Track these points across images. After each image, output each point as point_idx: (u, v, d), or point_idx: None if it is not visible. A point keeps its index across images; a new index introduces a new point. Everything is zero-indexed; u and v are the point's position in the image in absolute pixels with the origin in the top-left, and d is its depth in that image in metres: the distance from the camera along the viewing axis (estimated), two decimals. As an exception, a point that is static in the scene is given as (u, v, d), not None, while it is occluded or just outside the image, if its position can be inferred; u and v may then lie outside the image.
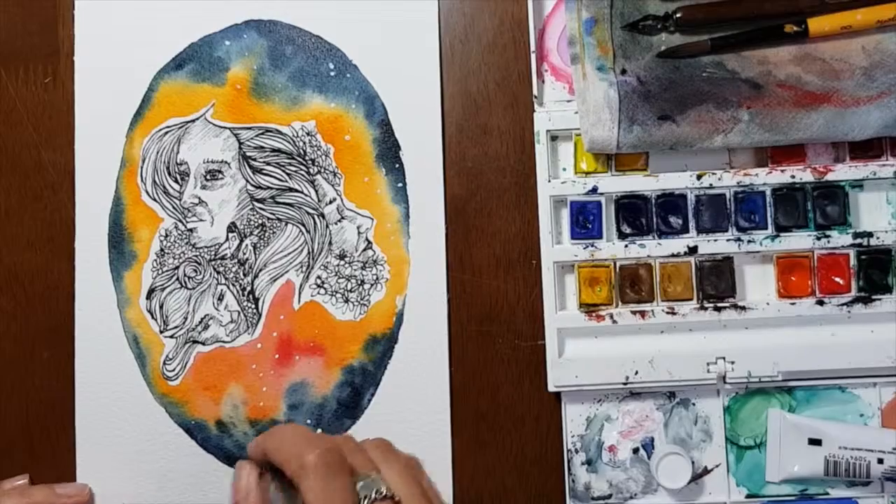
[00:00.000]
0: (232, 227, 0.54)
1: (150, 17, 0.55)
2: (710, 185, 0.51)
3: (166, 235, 0.54)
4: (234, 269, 0.53)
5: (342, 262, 0.53)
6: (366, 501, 0.39)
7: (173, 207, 0.54)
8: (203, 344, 0.53)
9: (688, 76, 0.51)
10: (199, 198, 0.54)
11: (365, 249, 0.53)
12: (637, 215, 0.52)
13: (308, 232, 0.53)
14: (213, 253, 0.53)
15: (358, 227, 0.53)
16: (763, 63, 0.51)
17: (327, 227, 0.53)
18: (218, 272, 0.53)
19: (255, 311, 0.53)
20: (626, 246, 0.51)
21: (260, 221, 0.54)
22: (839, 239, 0.51)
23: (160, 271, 0.53)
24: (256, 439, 0.44)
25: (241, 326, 0.53)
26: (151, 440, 0.53)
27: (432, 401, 0.52)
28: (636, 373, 0.51)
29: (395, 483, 0.41)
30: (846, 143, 0.51)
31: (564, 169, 0.53)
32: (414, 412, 0.52)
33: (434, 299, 0.53)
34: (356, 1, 0.54)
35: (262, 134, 0.54)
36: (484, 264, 0.53)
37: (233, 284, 0.53)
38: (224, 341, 0.53)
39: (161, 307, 0.53)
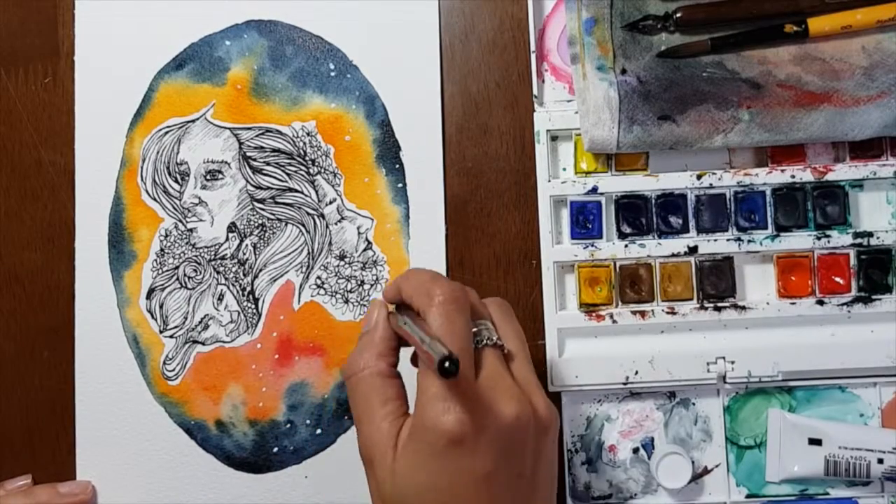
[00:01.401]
0: (232, 228, 0.54)
1: (150, 17, 0.55)
2: (710, 184, 0.51)
3: (166, 235, 0.54)
4: (234, 270, 0.53)
5: (342, 263, 0.53)
6: (479, 344, 0.41)
7: (173, 207, 0.54)
8: (203, 344, 0.53)
9: (688, 76, 0.51)
10: (199, 198, 0.54)
11: (365, 250, 0.53)
12: (637, 215, 0.52)
13: (308, 232, 0.53)
14: (213, 253, 0.53)
15: (358, 228, 0.53)
16: (763, 63, 0.51)
17: (327, 227, 0.53)
18: (218, 272, 0.53)
19: (254, 311, 0.53)
20: (626, 246, 0.51)
21: (260, 221, 0.54)
22: (839, 239, 0.51)
23: (160, 271, 0.53)
24: (393, 280, 0.46)
25: (240, 326, 0.53)
26: (151, 440, 0.53)
27: (432, 401, 0.52)
28: (636, 373, 0.51)
29: (508, 338, 0.43)
30: (846, 143, 0.51)
31: (564, 169, 0.53)
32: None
33: (434, 299, 0.53)
34: (356, 1, 0.54)
35: (262, 134, 0.54)
36: (484, 264, 0.53)
37: (233, 284, 0.53)
38: (224, 341, 0.53)
39: (161, 307, 0.53)
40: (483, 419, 0.38)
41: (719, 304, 0.51)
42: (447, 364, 0.36)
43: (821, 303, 0.51)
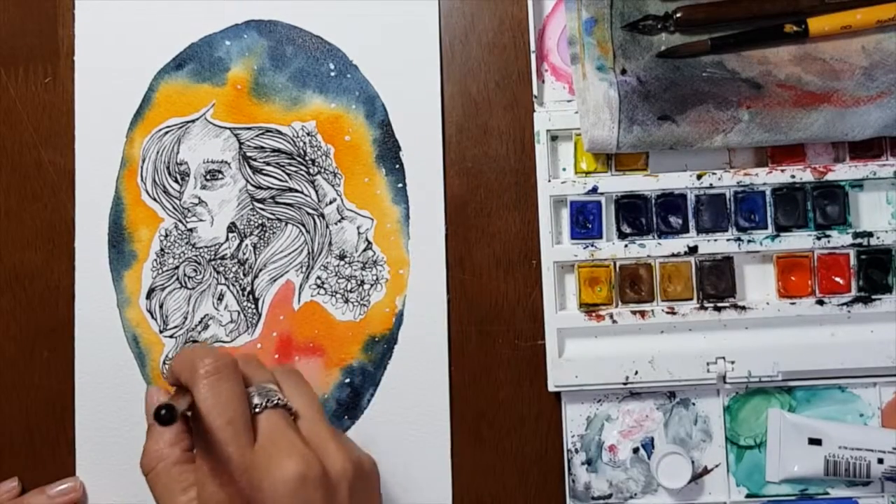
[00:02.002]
0: (232, 227, 0.54)
1: (150, 17, 0.55)
2: (710, 184, 0.51)
3: (166, 235, 0.54)
4: (234, 269, 0.53)
5: (342, 263, 0.53)
6: (258, 409, 0.39)
7: (173, 207, 0.54)
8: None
9: (688, 76, 0.51)
10: (199, 198, 0.54)
11: (365, 250, 0.53)
12: (637, 215, 0.52)
13: (308, 232, 0.53)
14: (213, 253, 0.53)
15: (358, 228, 0.53)
16: (763, 63, 0.51)
17: (327, 227, 0.53)
18: (218, 272, 0.53)
19: (254, 311, 0.53)
20: (626, 246, 0.51)
21: (260, 221, 0.54)
22: (839, 239, 0.51)
23: (160, 271, 0.53)
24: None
25: (240, 326, 0.53)
26: (151, 440, 0.53)
27: (432, 401, 0.52)
28: (636, 373, 0.51)
29: (294, 398, 0.41)
30: (846, 143, 0.51)
31: (564, 169, 0.53)
32: (414, 412, 0.52)
33: (434, 299, 0.53)
34: (356, 1, 0.54)
35: (262, 134, 0.54)
36: (484, 264, 0.53)
37: (233, 284, 0.53)
38: (224, 341, 0.53)
39: (161, 307, 0.53)
40: (259, 486, 0.37)
41: (719, 304, 0.51)
42: (162, 412, 0.35)
43: (821, 303, 0.51)
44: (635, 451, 0.52)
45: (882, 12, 0.50)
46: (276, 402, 0.40)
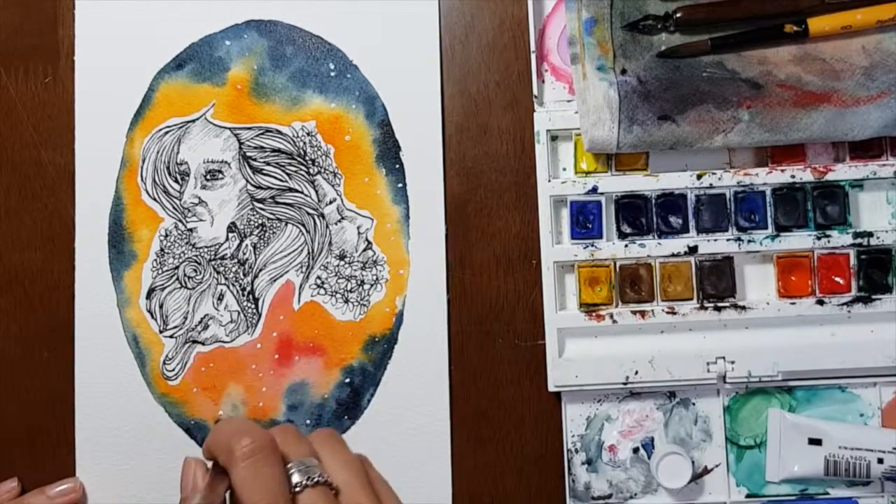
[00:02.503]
0: (232, 227, 0.54)
1: (150, 17, 0.55)
2: (710, 184, 0.51)
3: (166, 235, 0.54)
4: (234, 269, 0.53)
5: (342, 263, 0.53)
6: (299, 489, 0.38)
7: (173, 207, 0.54)
8: (203, 344, 0.53)
9: (688, 76, 0.51)
10: (200, 198, 0.54)
11: (365, 250, 0.53)
12: (637, 215, 0.52)
13: (308, 232, 0.53)
14: (213, 253, 0.53)
15: (358, 228, 0.53)
16: (763, 63, 0.51)
17: (327, 227, 0.53)
18: (218, 272, 0.53)
19: (254, 311, 0.53)
20: (626, 246, 0.51)
21: (260, 221, 0.54)
22: (839, 239, 0.51)
23: (160, 271, 0.53)
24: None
25: (240, 326, 0.53)
26: (151, 440, 0.53)
27: (432, 401, 0.52)
28: (636, 373, 0.51)
29: (335, 471, 0.40)
30: (846, 143, 0.51)
31: (564, 169, 0.53)
32: (414, 412, 0.52)
33: (434, 299, 0.53)
34: (356, 1, 0.54)
35: (262, 134, 0.54)
36: (484, 264, 0.53)
37: (233, 284, 0.53)
38: (224, 341, 0.53)
39: (161, 307, 0.53)
40: None
41: (719, 304, 0.51)
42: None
43: (821, 303, 0.51)
44: (635, 451, 0.52)
45: (882, 12, 0.50)
46: (316, 479, 0.39)
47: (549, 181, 0.52)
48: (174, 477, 0.52)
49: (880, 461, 0.49)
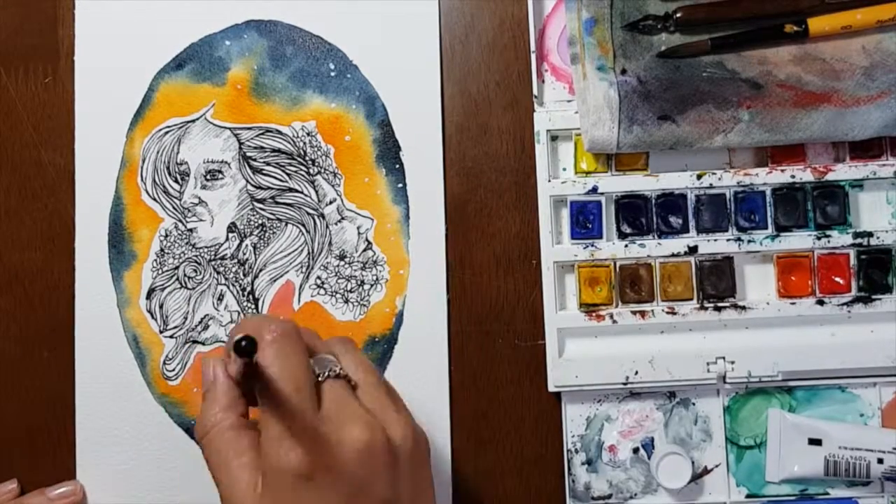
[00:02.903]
0: (232, 228, 0.54)
1: (150, 17, 0.55)
2: (710, 184, 0.51)
3: (166, 235, 0.54)
4: (234, 270, 0.53)
5: (342, 263, 0.53)
6: (321, 378, 0.40)
7: (173, 207, 0.54)
8: (203, 344, 0.53)
9: (688, 76, 0.51)
10: (200, 198, 0.54)
11: (365, 250, 0.53)
12: (637, 215, 0.52)
13: (308, 232, 0.53)
14: (213, 253, 0.53)
15: (358, 228, 0.53)
16: (763, 63, 0.51)
17: (327, 227, 0.53)
18: (218, 272, 0.53)
19: (254, 311, 0.53)
20: (626, 246, 0.51)
21: (260, 222, 0.54)
22: (839, 239, 0.51)
23: (160, 271, 0.53)
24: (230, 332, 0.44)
25: (241, 326, 0.53)
26: (151, 440, 0.53)
27: (432, 401, 0.52)
28: (636, 373, 0.51)
29: (352, 370, 0.41)
30: (846, 143, 0.51)
31: (564, 169, 0.53)
32: (414, 412, 0.52)
33: (434, 299, 0.53)
34: (356, 1, 0.54)
35: (262, 134, 0.54)
36: (484, 264, 0.53)
37: (233, 284, 0.53)
38: (224, 341, 0.53)
39: (161, 307, 0.53)
40: (329, 450, 0.38)
41: (719, 304, 0.51)
42: (243, 343, 0.35)
43: (821, 303, 0.51)
44: (635, 451, 0.52)
45: (882, 12, 0.50)
46: (337, 372, 0.40)
47: (549, 181, 0.52)
48: (174, 477, 0.53)
49: (880, 461, 0.49)
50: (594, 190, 0.52)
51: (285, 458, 0.37)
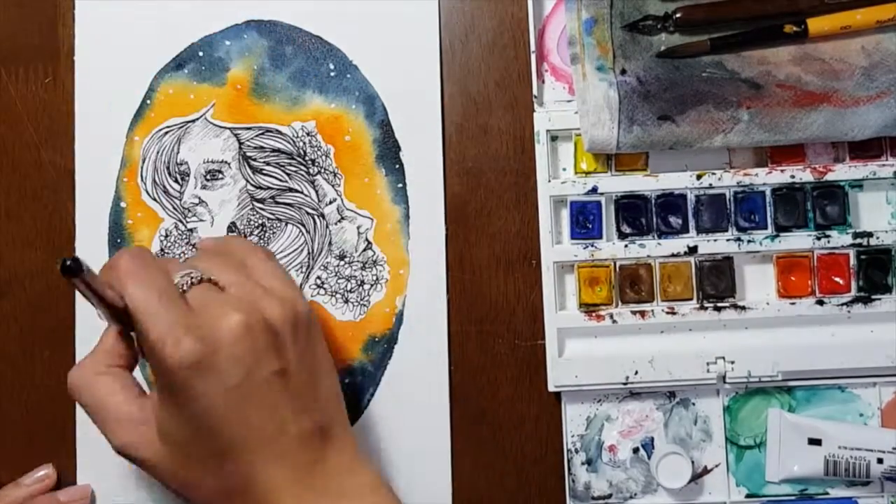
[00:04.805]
0: (232, 228, 0.54)
1: (150, 17, 0.55)
2: (710, 185, 0.51)
3: (166, 235, 0.54)
4: (234, 269, 0.53)
5: (342, 263, 0.53)
6: (184, 289, 0.41)
7: (173, 207, 0.54)
8: (203, 344, 0.53)
9: (688, 76, 0.51)
10: (200, 198, 0.54)
11: (365, 250, 0.53)
12: (637, 215, 0.52)
13: (308, 232, 0.53)
14: (213, 253, 0.53)
15: (358, 228, 0.53)
16: (763, 63, 0.51)
17: (327, 227, 0.54)
18: (218, 272, 0.53)
19: (255, 311, 0.53)
20: (626, 246, 0.51)
21: (260, 221, 0.54)
22: (839, 239, 0.51)
23: (160, 271, 0.53)
24: None
25: (241, 326, 0.53)
26: (151, 440, 0.53)
27: (432, 401, 0.52)
28: (636, 373, 0.51)
29: (219, 273, 0.43)
30: (846, 143, 0.51)
31: (564, 169, 0.53)
32: (414, 412, 0.52)
33: (434, 299, 0.53)
34: (356, 1, 0.54)
35: (262, 134, 0.54)
36: (484, 264, 0.53)
37: (233, 284, 0.53)
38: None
39: (161, 307, 0.53)
40: (209, 339, 0.39)
41: (719, 304, 0.51)
42: (68, 262, 0.36)
43: (821, 303, 0.51)
44: (635, 451, 0.52)
45: (882, 12, 0.50)
46: (199, 278, 0.42)
47: (549, 181, 0.52)
48: (174, 477, 0.52)
49: (880, 461, 0.49)
50: (594, 190, 0.52)
51: (170, 354, 0.39)
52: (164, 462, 0.41)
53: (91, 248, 0.54)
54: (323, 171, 0.54)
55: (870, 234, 0.51)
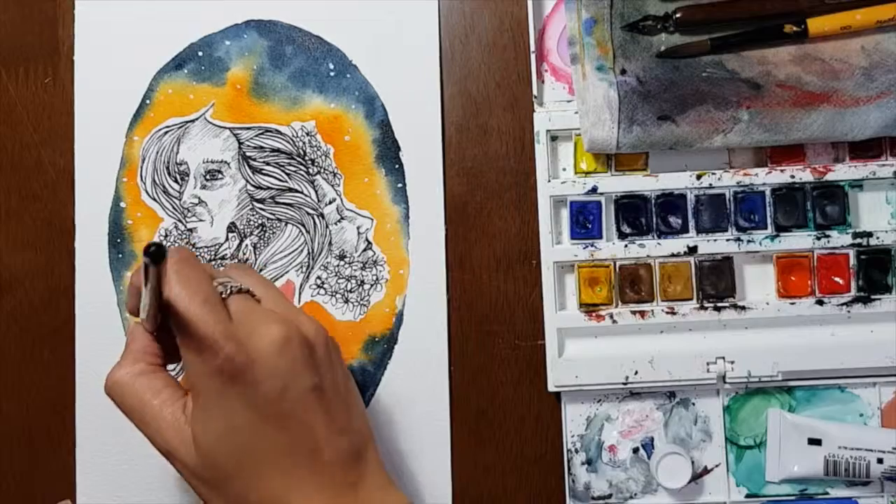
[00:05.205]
0: (232, 227, 0.54)
1: (150, 17, 0.55)
2: (710, 185, 0.51)
3: (166, 235, 0.54)
4: (234, 269, 0.53)
5: (342, 263, 0.53)
6: (224, 296, 0.41)
7: (173, 207, 0.54)
8: (203, 344, 0.53)
9: (687, 76, 0.51)
10: (199, 198, 0.54)
11: (365, 250, 0.53)
12: (637, 215, 0.52)
13: (308, 232, 0.53)
14: (212, 253, 0.53)
15: (358, 228, 0.53)
16: (763, 63, 0.51)
17: (327, 227, 0.54)
18: (218, 272, 0.53)
19: (255, 311, 0.53)
20: (625, 246, 0.51)
21: (260, 221, 0.54)
22: (839, 239, 0.51)
23: (160, 271, 0.53)
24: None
25: (241, 326, 0.53)
26: (151, 440, 0.53)
27: (432, 401, 0.52)
28: (636, 373, 0.51)
29: (253, 286, 0.43)
30: (846, 143, 0.51)
31: (564, 169, 0.53)
32: (414, 412, 0.52)
33: (434, 299, 0.53)
34: (356, 1, 0.54)
35: (261, 134, 0.54)
36: (484, 264, 0.53)
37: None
38: (224, 341, 0.53)
39: (161, 307, 0.53)
40: (249, 350, 0.39)
41: (719, 304, 0.51)
42: (152, 248, 0.35)
43: (820, 303, 0.51)
44: (635, 451, 0.52)
45: (882, 12, 0.50)
46: (239, 287, 0.42)
47: (549, 181, 0.52)
48: (175, 476, 0.53)
49: (880, 461, 0.49)
50: (594, 190, 0.52)
51: (210, 362, 0.38)
52: (199, 470, 0.40)
53: (91, 247, 0.54)
54: (323, 171, 0.54)
55: (870, 234, 0.51)
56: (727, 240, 0.51)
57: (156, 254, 0.35)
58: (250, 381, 0.39)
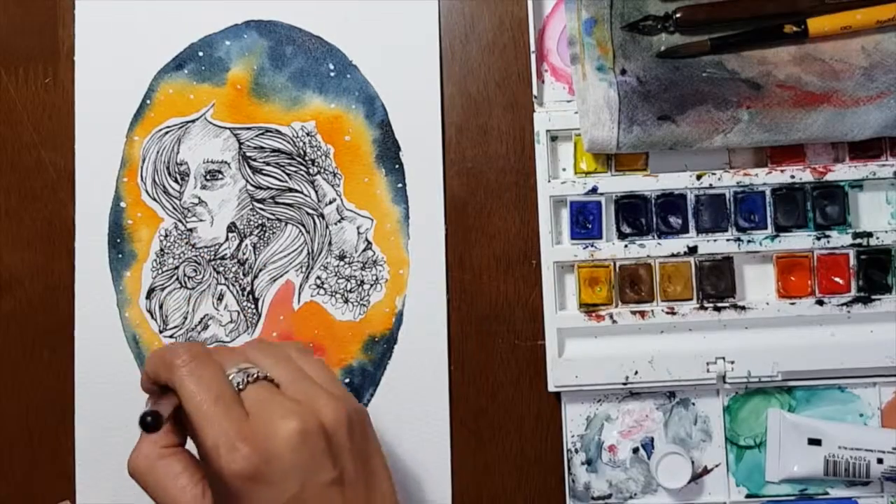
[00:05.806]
0: (232, 227, 0.54)
1: (150, 17, 0.55)
2: (710, 185, 0.51)
3: (166, 235, 0.54)
4: (233, 269, 0.53)
5: (342, 263, 0.53)
6: (241, 387, 0.40)
7: (173, 207, 0.54)
8: (203, 344, 0.53)
9: (688, 76, 0.51)
10: (199, 198, 0.54)
11: (365, 250, 0.53)
12: (637, 215, 0.52)
13: (308, 232, 0.53)
14: (212, 253, 0.53)
15: (358, 228, 0.53)
16: (763, 63, 0.51)
17: (327, 227, 0.54)
18: (218, 272, 0.53)
19: (254, 311, 0.53)
20: (625, 246, 0.51)
21: (260, 221, 0.54)
22: (839, 239, 0.51)
23: (160, 271, 0.53)
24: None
25: (240, 326, 0.53)
26: (151, 440, 0.53)
27: (432, 401, 0.52)
28: (636, 373, 0.51)
29: (272, 369, 0.42)
30: (846, 143, 0.51)
31: (564, 169, 0.53)
32: (414, 412, 0.52)
33: (434, 299, 0.53)
34: (356, 1, 0.54)
35: (262, 134, 0.54)
36: (484, 264, 0.53)
37: (232, 284, 0.53)
38: (224, 341, 0.53)
39: (161, 307, 0.53)
40: (265, 447, 0.38)
41: (719, 304, 0.51)
42: (147, 419, 0.36)
43: (820, 303, 0.51)
44: (635, 451, 0.52)
45: (882, 12, 0.50)
46: (255, 376, 0.41)
47: (549, 181, 0.52)
48: (174, 477, 0.52)
49: (880, 461, 0.49)
50: (594, 190, 0.52)
51: (225, 464, 0.38)
52: None
53: (91, 248, 0.54)
54: (323, 171, 0.54)
55: (870, 235, 0.51)
56: (727, 240, 0.51)
57: (151, 424, 0.36)
58: (267, 480, 0.38)
